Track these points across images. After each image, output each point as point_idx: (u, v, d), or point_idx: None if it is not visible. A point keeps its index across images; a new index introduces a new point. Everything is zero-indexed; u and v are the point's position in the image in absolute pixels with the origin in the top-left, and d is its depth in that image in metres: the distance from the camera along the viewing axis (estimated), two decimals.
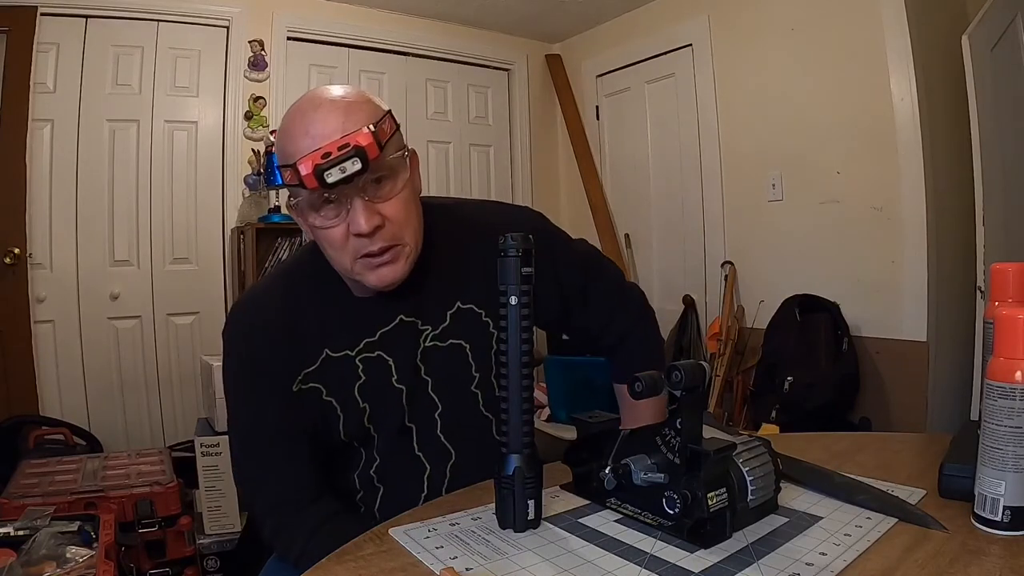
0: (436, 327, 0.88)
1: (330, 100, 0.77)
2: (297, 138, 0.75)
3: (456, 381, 0.88)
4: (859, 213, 2.56)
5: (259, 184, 2.88)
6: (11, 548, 1.41)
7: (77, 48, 2.67)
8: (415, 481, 0.89)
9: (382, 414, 0.87)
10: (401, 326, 0.87)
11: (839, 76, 2.58)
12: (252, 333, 0.87)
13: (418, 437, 0.88)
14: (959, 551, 0.59)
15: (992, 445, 0.62)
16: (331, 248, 0.79)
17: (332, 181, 0.72)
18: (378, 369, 0.86)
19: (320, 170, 0.72)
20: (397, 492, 0.88)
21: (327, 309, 0.87)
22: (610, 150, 3.68)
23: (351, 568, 0.63)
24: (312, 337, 0.85)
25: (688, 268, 3.26)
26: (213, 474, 2.10)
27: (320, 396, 0.85)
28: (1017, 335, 0.61)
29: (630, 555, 0.62)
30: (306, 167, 0.72)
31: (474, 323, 0.89)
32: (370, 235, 0.76)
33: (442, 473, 0.89)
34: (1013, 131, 2.38)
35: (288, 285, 0.90)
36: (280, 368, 0.85)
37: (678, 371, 0.64)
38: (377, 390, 0.86)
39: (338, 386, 0.86)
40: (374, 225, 0.76)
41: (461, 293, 0.89)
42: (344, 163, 0.72)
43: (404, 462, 0.88)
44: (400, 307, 0.87)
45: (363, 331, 0.86)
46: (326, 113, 0.75)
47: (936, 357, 2.39)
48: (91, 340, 2.71)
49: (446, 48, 3.55)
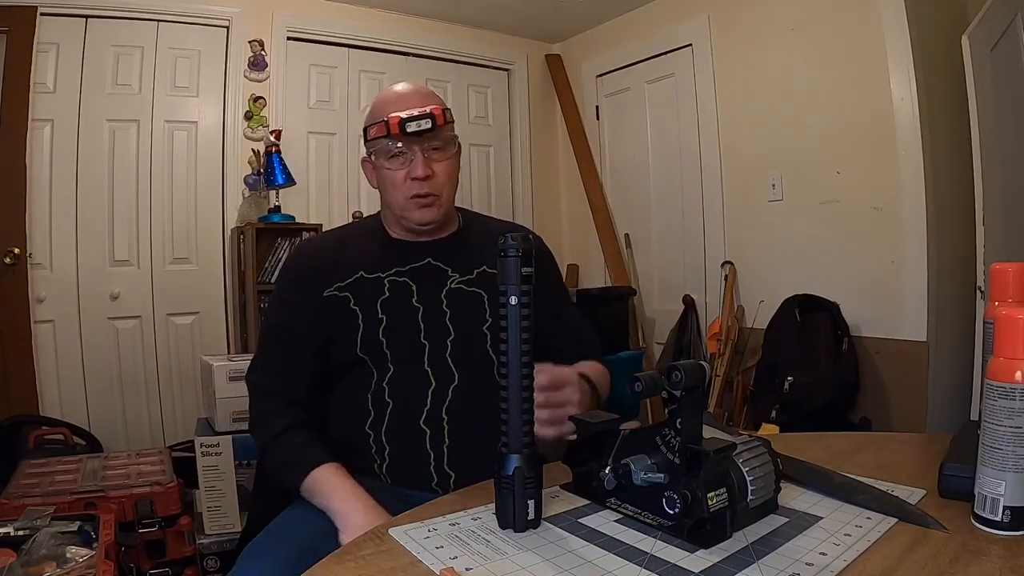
0: (463, 276, 1.08)
1: (415, 87, 1.09)
2: (388, 105, 1.04)
3: (470, 318, 1.05)
4: (859, 213, 2.56)
5: (259, 184, 2.88)
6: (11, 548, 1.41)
7: (77, 48, 2.67)
8: (420, 394, 1.01)
9: (398, 326, 1.03)
10: (429, 266, 1.08)
11: (839, 76, 2.58)
12: (302, 253, 1.18)
13: (429, 355, 1.03)
14: (959, 551, 0.59)
15: (992, 445, 0.62)
16: (392, 187, 1.05)
17: (411, 131, 1.01)
18: (402, 290, 1.06)
19: (404, 122, 1.01)
20: (404, 407, 1.00)
21: (368, 245, 1.11)
22: (610, 150, 3.68)
23: (351, 568, 0.63)
24: (350, 262, 1.08)
25: (688, 268, 3.26)
26: (213, 474, 2.10)
27: (347, 304, 1.04)
28: (1017, 335, 0.61)
29: (630, 555, 0.62)
30: (395, 119, 1.01)
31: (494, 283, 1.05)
32: (423, 179, 1.03)
33: (444, 392, 1.01)
34: (1013, 131, 2.38)
35: (341, 231, 1.21)
36: (317, 278, 1.06)
37: (678, 371, 0.64)
38: (396, 305, 1.04)
39: (364, 297, 1.04)
40: (427, 173, 1.03)
41: (486, 262, 1.10)
42: (421, 120, 1.01)
43: (414, 376, 1.01)
44: (430, 252, 1.09)
45: (396, 262, 1.08)
46: (412, 92, 1.07)
47: (936, 357, 2.39)
48: (91, 340, 2.71)
49: (446, 48, 3.55)
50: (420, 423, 0.99)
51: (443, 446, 0.98)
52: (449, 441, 0.98)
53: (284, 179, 2.81)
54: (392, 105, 1.03)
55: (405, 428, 0.99)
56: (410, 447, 0.99)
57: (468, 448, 0.98)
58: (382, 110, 1.04)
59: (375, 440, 1.01)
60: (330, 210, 3.17)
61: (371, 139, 1.05)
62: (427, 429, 0.99)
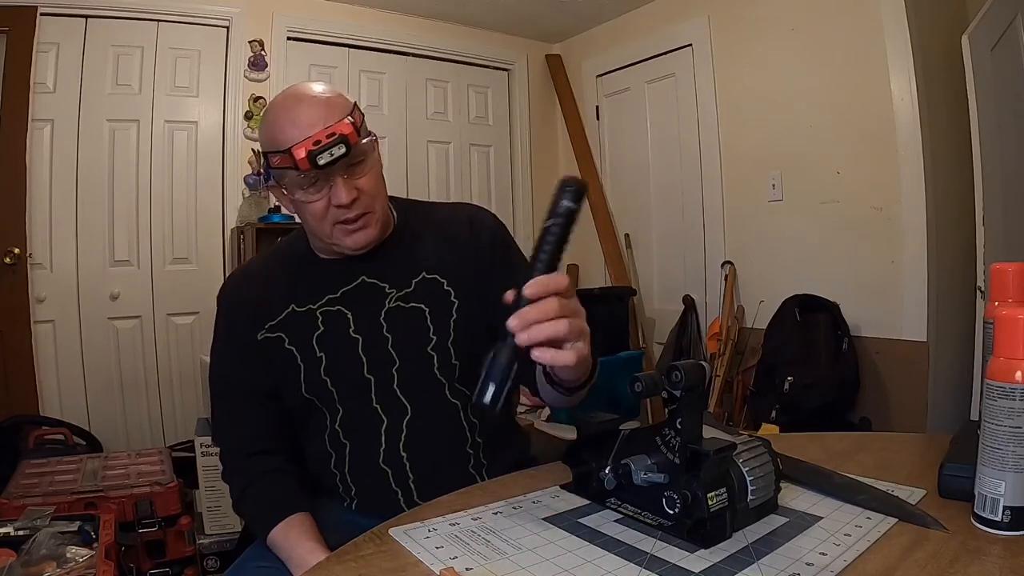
0: (400, 290, 0.98)
1: (311, 96, 0.91)
2: (286, 128, 0.88)
3: (414, 341, 0.96)
4: (859, 213, 2.56)
5: (259, 184, 2.88)
6: (11, 548, 1.41)
7: (77, 48, 2.67)
8: (374, 434, 0.94)
9: (339, 364, 0.95)
10: (363, 285, 0.98)
11: (839, 76, 2.58)
12: (230, 293, 1.04)
13: (376, 390, 0.95)
14: (959, 551, 0.59)
15: (992, 445, 0.62)
16: (313, 218, 0.92)
17: (323, 163, 0.86)
18: (336, 321, 0.96)
19: (313, 154, 0.86)
20: (360, 448, 0.95)
21: (296, 273, 1.01)
22: (610, 150, 3.68)
23: (351, 568, 0.63)
24: (280, 296, 0.98)
25: (688, 268, 3.26)
26: (213, 474, 2.10)
27: (282, 345, 0.96)
28: (1017, 335, 0.61)
29: (630, 555, 0.62)
30: (300, 152, 0.86)
31: (436, 291, 0.99)
32: (348, 206, 0.90)
33: (398, 428, 0.94)
34: (1013, 131, 2.39)
35: (270, 255, 1.09)
36: (248, 320, 0.98)
37: (678, 371, 0.64)
38: (334, 339, 0.95)
39: (298, 335, 0.96)
40: (352, 197, 0.90)
41: (425, 266, 1.00)
42: (332, 148, 0.86)
43: (364, 415, 0.95)
44: (363, 270, 0.98)
45: (326, 288, 0.98)
46: (310, 107, 0.89)
47: (936, 357, 2.39)
48: (91, 340, 2.71)
49: (446, 48, 3.55)
50: (379, 463, 0.93)
51: (408, 481, 0.93)
52: (413, 476, 0.93)
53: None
54: (290, 128, 0.87)
55: (366, 468, 0.94)
56: (375, 485, 0.94)
57: (434, 478, 0.92)
58: (279, 135, 0.88)
59: (341, 480, 0.96)
60: None
61: (275, 167, 0.90)
62: (388, 468, 0.93)
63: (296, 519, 0.89)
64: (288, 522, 0.88)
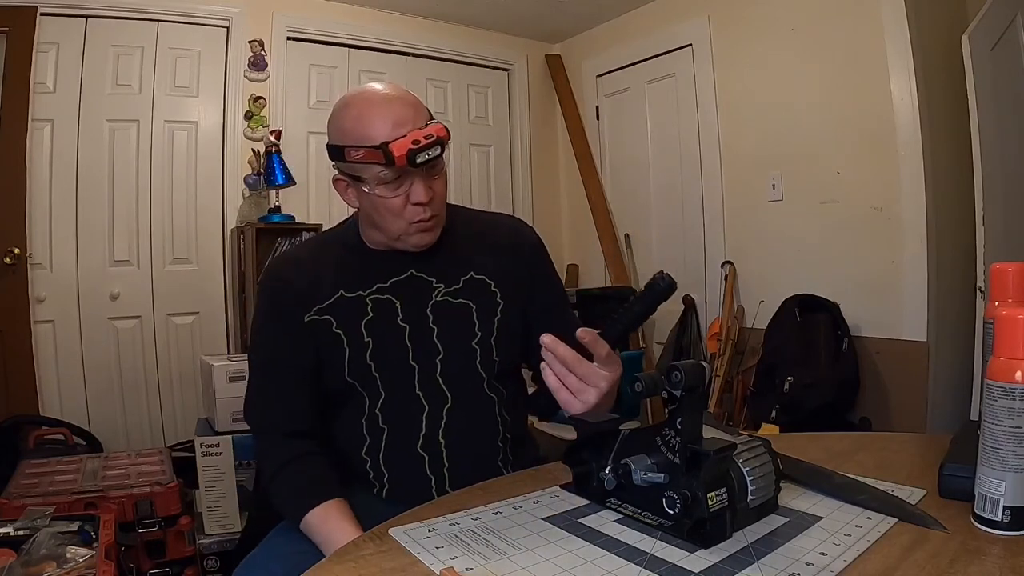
0: (449, 286, 1.02)
1: (399, 96, 0.94)
2: (378, 124, 0.90)
3: (459, 334, 1.00)
4: (859, 213, 2.56)
5: (259, 184, 2.88)
6: (11, 548, 1.41)
7: (77, 48, 2.67)
8: (414, 420, 0.97)
9: (385, 350, 0.97)
10: (412, 278, 1.01)
11: (839, 76, 2.58)
12: (279, 273, 1.03)
13: (419, 377, 0.98)
14: (959, 551, 0.59)
15: (992, 445, 0.62)
16: (390, 214, 0.95)
17: (420, 162, 0.89)
18: (385, 309, 0.99)
19: (413, 153, 0.89)
20: (399, 433, 0.97)
21: (346, 260, 1.03)
22: (610, 150, 3.68)
23: (351, 568, 0.63)
24: (329, 280, 1.00)
25: (688, 268, 3.26)
26: (213, 474, 2.10)
27: (330, 328, 0.98)
28: (1017, 335, 0.61)
29: (630, 555, 0.62)
30: (399, 149, 0.88)
31: (483, 290, 1.03)
32: (426, 205, 0.94)
33: (439, 416, 0.97)
34: (1013, 131, 2.38)
35: (316, 243, 1.12)
36: (296, 302, 0.99)
37: (678, 371, 0.64)
38: (381, 326, 0.98)
39: (347, 320, 0.98)
40: (429, 197, 0.94)
41: (473, 267, 1.04)
42: (429, 149, 0.90)
43: (406, 401, 0.98)
44: (412, 263, 1.01)
45: (377, 278, 1.01)
46: (401, 107, 0.92)
47: (936, 357, 2.39)
48: (91, 340, 2.71)
49: (446, 48, 3.55)
50: (417, 448, 0.96)
51: (443, 469, 0.96)
52: (448, 464, 0.96)
53: (284, 179, 2.81)
54: (382, 122, 0.89)
55: (402, 454, 0.97)
56: (409, 472, 0.97)
57: (468, 468, 0.96)
58: (370, 130, 0.90)
59: (372, 466, 0.98)
60: (330, 210, 3.16)
61: (355, 161, 0.91)
62: (425, 454, 0.96)
63: (334, 503, 0.90)
64: (326, 506, 0.89)
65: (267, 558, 0.91)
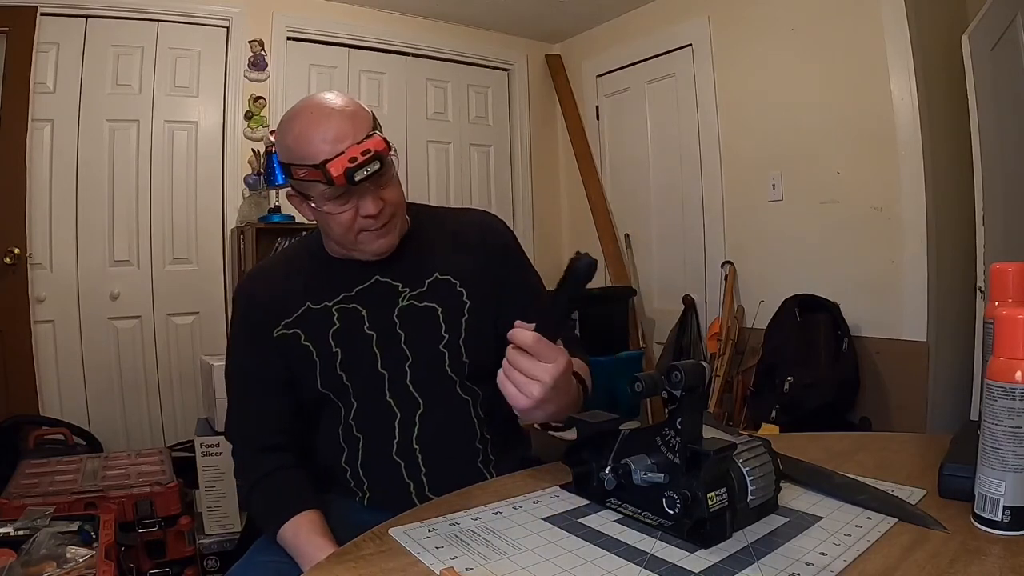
0: (414, 289, 1.01)
1: (336, 109, 0.92)
2: (315, 143, 0.89)
3: (426, 338, 0.99)
4: (859, 213, 2.56)
5: (259, 184, 2.88)
6: (11, 548, 1.41)
7: (77, 48, 2.67)
8: (387, 427, 0.97)
9: (354, 358, 0.97)
10: (377, 285, 1.01)
11: (839, 76, 2.58)
12: (249, 289, 1.06)
13: (389, 384, 0.98)
14: (959, 551, 0.59)
15: (992, 445, 0.62)
16: (340, 228, 0.94)
17: (359, 179, 0.88)
18: (352, 318, 0.99)
19: (350, 172, 0.87)
20: (374, 441, 0.97)
21: (311, 272, 1.03)
22: (610, 150, 3.68)
23: (351, 568, 0.63)
24: (296, 294, 1.01)
25: (688, 268, 3.26)
26: (213, 474, 2.10)
27: (299, 341, 0.98)
28: (1017, 335, 0.61)
29: (630, 555, 0.62)
30: (335, 169, 0.87)
31: (449, 291, 1.02)
32: (376, 216, 0.93)
33: (411, 421, 0.97)
34: (1013, 131, 2.38)
35: (286, 255, 1.12)
36: (264, 317, 1.00)
37: (678, 371, 0.64)
38: (349, 335, 0.98)
39: (315, 332, 0.98)
40: (379, 208, 0.93)
41: (438, 267, 1.03)
42: (367, 165, 0.88)
43: (378, 408, 0.98)
44: (377, 270, 1.01)
45: (342, 287, 1.01)
46: (339, 121, 0.90)
47: (936, 357, 2.39)
48: (91, 340, 2.71)
49: (446, 48, 3.55)
50: (393, 455, 0.96)
51: (420, 474, 0.96)
52: (425, 469, 0.96)
53: (284, 179, 2.81)
54: (320, 143, 0.88)
55: (379, 461, 0.96)
56: (387, 479, 0.96)
57: (446, 471, 0.95)
58: (309, 149, 0.89)
59: (352, 475, 0.98)
60: None
61: (300, 179, 0.92)
62: (401, 461, 0.96)
63: (306, 516, 0.90)
64: (298, 519, 0.90)
65: (245, 570, 0.92)
